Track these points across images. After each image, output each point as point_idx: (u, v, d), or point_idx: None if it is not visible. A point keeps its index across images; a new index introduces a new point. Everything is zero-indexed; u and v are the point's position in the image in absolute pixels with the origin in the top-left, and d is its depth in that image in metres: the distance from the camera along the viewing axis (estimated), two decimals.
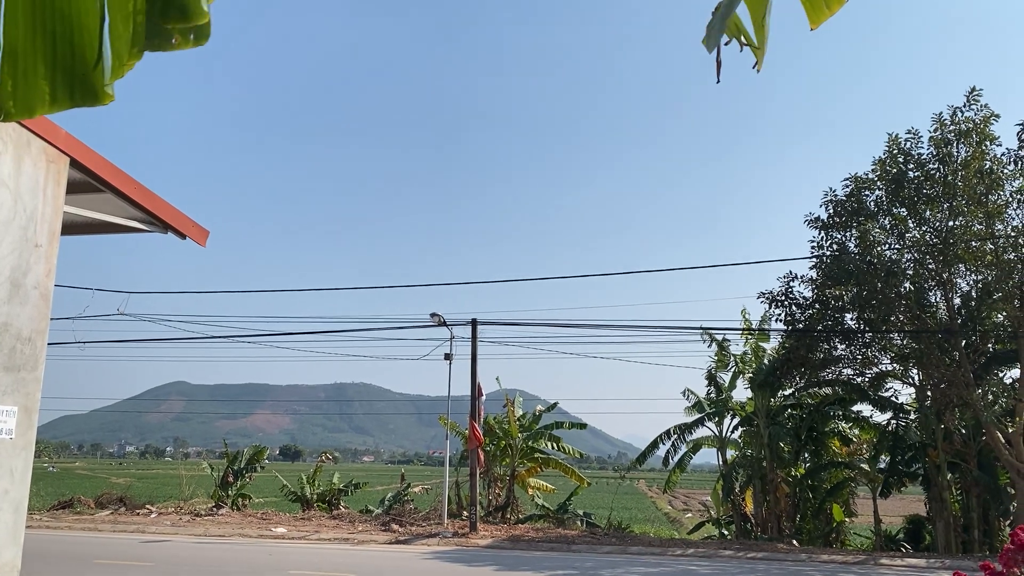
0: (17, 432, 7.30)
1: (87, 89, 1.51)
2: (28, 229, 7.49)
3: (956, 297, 22.92)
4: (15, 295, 7.33)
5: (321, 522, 24.79)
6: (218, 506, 27.83)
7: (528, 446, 28.62)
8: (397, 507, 27.60)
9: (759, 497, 28.23)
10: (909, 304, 22.24)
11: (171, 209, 9.47)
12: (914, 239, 22.07)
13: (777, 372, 26.19)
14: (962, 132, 21.12)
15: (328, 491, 29.74)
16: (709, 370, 30.05)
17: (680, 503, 69.50)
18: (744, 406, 29.36)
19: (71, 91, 1.52)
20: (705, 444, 30.83)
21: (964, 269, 22.31)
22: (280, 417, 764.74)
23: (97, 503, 28.59)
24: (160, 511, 26.84)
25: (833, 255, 22.85)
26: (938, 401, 24.15)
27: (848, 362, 24.63)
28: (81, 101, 1.52)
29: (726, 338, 29.70)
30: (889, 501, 27.95)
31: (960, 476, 24.80)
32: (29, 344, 7.46)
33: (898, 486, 26.54)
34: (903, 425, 26.31)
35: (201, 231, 9.96)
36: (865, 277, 21.34)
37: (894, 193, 22.01)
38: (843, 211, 22.83)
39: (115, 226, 9.74)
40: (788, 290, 23.84)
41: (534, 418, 29.70)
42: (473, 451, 24.10)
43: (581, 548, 20.38)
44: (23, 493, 7.39)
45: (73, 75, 1.51)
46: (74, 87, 1.52)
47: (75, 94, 1.52)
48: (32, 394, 7.50)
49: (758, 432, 27.92)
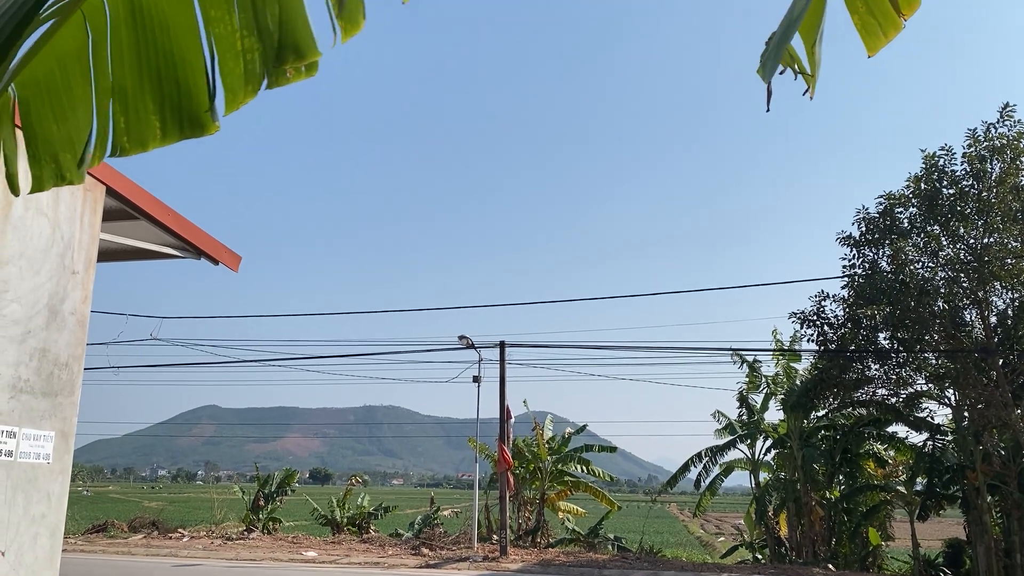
0: (54, 457, 7.39)
1: (195, 122, 1.59)
2: (65, 256, 7.62)
3: (992, 316, 22.52)
4: (53, 321, 7.45)
5: (351, 546, 24.77)
6: (249, 530, 27.92)
7: (558, 469, 28.44)
8: (427, 531, 27.50)
9: (793, 520, 27.79)
10: (943, 323, 21.88)
11: (204, 235, 9.60)
12: (948, 257, 21.75)
13: (810, 393, 25.83)
14: (996, 148, 20.86)
15: (358, 515, 29.72)
16: (741, 391, 29.74)
17: (712, 526, 68.58)
18: (776, 428, 28.98)
19: (180, 125, 1.60)
20: (737, 467, 30.47)
21: (1000, 287, 21.93)
22: (310, 440, 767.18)
23: (130, 527, 28.82)
24: (192, 535, 26.99)
25: (865, 274, 22.58)
26: (976, 422, 23.66)
27: (882, 382, 24.23)
28: (190, 133, 1.60)
29: (757, 359, 29.41)
30: (927, 524, 27.37)
31: (1000, 498, 24.23)
32: (66, 369, 7.57)
33: (936, 509, 25.97)
34: (940, 446, 25.80)
35: (233, 256, 10.08)
36: (898, 296, 21.05)
37: (928, 210, 21.74)
38: (875, 229, 22.57)
39: (149, 252, 9.89)
40: (820, 309, 23.56)
41: (563, 441, 29.52)
42: (502, 474, 23.99)
43: (612, 572, 20.16)
44: (60, 517, 7.47)
45: (181, 110, 1.59)
46: (183, 121, 1.59)
47: (184, 127, 1.60)
48: (69, 419, 7.60)
49: (791, 454, 27.53)
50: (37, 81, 1.60)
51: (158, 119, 1.59)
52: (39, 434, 7.24)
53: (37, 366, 7.27)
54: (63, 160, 1.65)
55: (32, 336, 7.24)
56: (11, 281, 7.07)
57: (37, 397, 7.26)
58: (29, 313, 7.22)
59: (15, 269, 7.11)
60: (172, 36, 1.57)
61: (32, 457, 7.17)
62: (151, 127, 1.60)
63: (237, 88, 1.55)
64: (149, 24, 1.57)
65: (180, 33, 1.57)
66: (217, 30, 1.54)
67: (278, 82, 1.55)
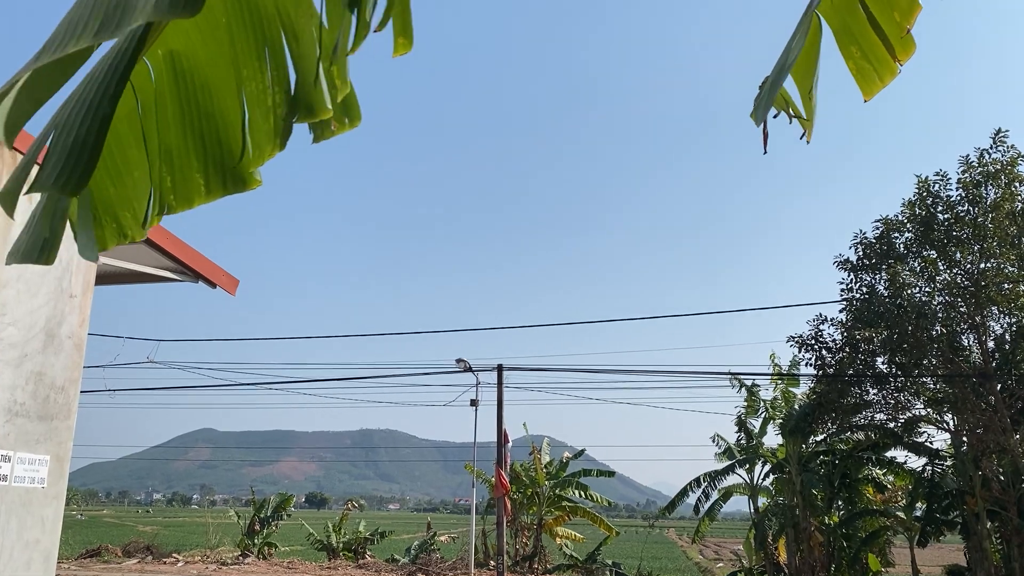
0: (49, 481, 7.35)
1: (237, 178, 1.65)
2: (63, 280, 7.63)
3: (989, 340, 22.54)
4: (50, 345, 7.44)
5: (347, 571, 24.57)
6: (244, 555, 27.70)
7: (555, 494, 28.29)
8: (423, 556, 27.31)
9: (792, 546, 27.61)
10: (941, 348, 21.89)
11: (202, 259, 9.61)
12: (945, 282, 21.81)
13: (808, 417, 25.77)
14: (990, 174, 20.99)
15: (354, 539, 29.52)
16: (739, 416, 29.65)
17: (711, 552, 68.01)
18: (775, 452, 28.88)
19: (223, 181, 1.65)
20: (736, 492, 30.32)
21: (997, 312, 21.97)
22: (306, 464, 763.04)
23: (124, 552, 28.59)
24: (187, 560, 26.76)
25: (863, 298, 22.62)
26: (974, 447, 23.60)
27: (880, 407, 24.19)
28: (233, 189, 1.66)
29: (756, 383, 29.37)
30: (927, 551, 27.22)
31: (1000, 524, 24.10)
32: (62, 393, 7.55)
33: (936, 535, 25.81)
34: (939, 472, 25.71)
35: (231, 280, 10.09)
36: (896, 320, 21.08)
37: (923, 235, 21.83)
38: (873, 253, 22.66)
39: (147, 276, 9.89)
40: (818, 333, 23.57)
41: (561, 465, 29.40)
42: (500, 499, 23.86)
43: None
44: (54, 542, 7.42)
45: (224, 167, 1.64)
46: (226, 178, 1.65)
47: (227, 183, 1.65)
48: (64, 443, 7.57)
49: (790, 479, 27.41)
50: None
51: (202, 177, 1.65)
52: (34, 458, 7.20)
53: (33, 390, 7.25)
54: (123, 219, 1.71)
55: (29, 359, 7.22)
56: (8, 304, 7.07)
57: (33, 421, 7.23)
58: (26, 336, 7.21)
59: (13, 292, 7.12)
60: (213, 96, 1.63)
61: (27, 481, 7.13)
62: (196, 185, 1.66)
63: (264, 143, 1.61)
64: (192, 87, 1.63)
65: (221, 93, 1.62)
66: (249, 88, 1.61)
67: (324, 135, 1.63)
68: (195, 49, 1.61)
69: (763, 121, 1.83)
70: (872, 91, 1.90)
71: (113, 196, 1.68)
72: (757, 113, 1.82)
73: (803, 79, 1.89)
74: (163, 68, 1.62)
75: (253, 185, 1.64)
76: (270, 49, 1.58)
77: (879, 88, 1.89)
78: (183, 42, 1.60)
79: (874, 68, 1.88)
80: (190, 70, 1.62)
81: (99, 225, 1.69)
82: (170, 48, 1.60)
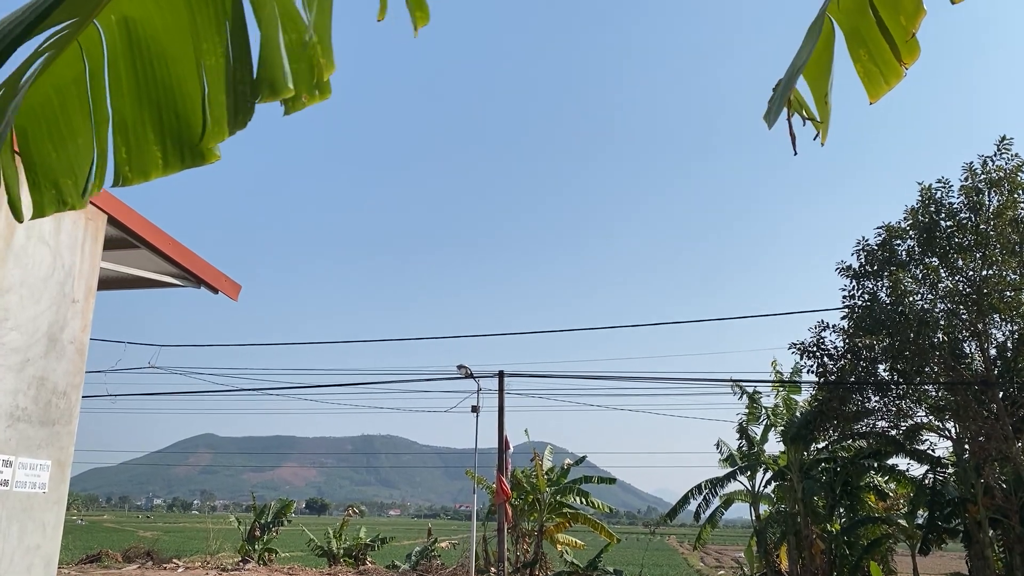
0: (50, 486, 7.34)
1: (195, 152, 1.60)
2: (66, 285, 7.63)
3: (991, 348, 22.51)
4: (52, 350, 7.44)
5: None
6: (245, 560, 27.67)
7: (557, 500, 28.24)
8: (424, 563, 27.27)
9: (794, 554, 27.55)
10: (943, 355, 21.86)
11: (204, 264, 9.62)
12: (947, 289, 21.79)
13: (810, 425, 25.74)
14: (993, 181, 20.98)
15: (355, 546, 29.47)
16: (740, 423, 29.62)
17: (712, 559, 67.83)
18: (777, 460, 28.83)
19: (181, 155, 1.61)
20: (737, 499, 30.26)
21: (999, 319, 21.94)
22: (307, 470, 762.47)
23: (125, 557, 28.55)
24: (187, 565, 26.72)
25: (865, 305, 22.60)
26: (976, 454, 23.55)
27: (882, 414, 24.16)
28: (191, 163, 1.62)
29: (757, 390, 29.33)
30: (929, 559, 27.13)
31: (1002, 532, 24.04)
32: (64, 398, 7.55)
33: (938, 543, 25.75)
34: (941, 479, 25.66)
35: (233, 285, 10.09)
36: (897, 327, 21.06)
37: (926, 243, 21.82)
38: (874, 260, 22.65)
39: (149, 281, 9.90)
40: (820, 340, 23.55)
41: (562, 472, 29.35)
42: (501, 505, 23.82)
43: None
44: (54, 547, 7.41)
45: (182, 140, 1.61)
46: (183, 151, 1.61)
47: (185, 157, 1.61)
48: (65, 448, 7.56)
49: (791, 486, 27.36)
50: (33, 109, 1.62)
51: (159, 149, 1.61)
52: (35, 463, 7.20)
53: (35, 395, 7.25)
54: (64, 186, 1.66)
55: (31, 364, 7.22)
56: (11, 309, 7.08)
57: (34, 426, 7.23)
58: (28, 341, 7.22)
59: (16, 297, 7.12)
60: (171, 67, 1.59)
61: (28, 487, 7.13)
62: (153, 157, 1.61)
63: (223, 119, 1.57)
64: (147, 55, 1.59)
65: (179, 64, 1.58)
66: (208, 61, 1.56)
67: (294, 107, 1.57)
68: (151, 17, 1.57)
69: (774, 123, 1.84)
70: (878, 93, 1.92)
71: (55, 162, 1.64)
72: (769, 116, 1.83)
73: (817, 82, 1.90)
74: (116, 34, 1.58)
75: (212, 159, 1.60)
76: (231, 23, 1.54)
77: (885, 91, 1.91)
78: (138, 9, 1.56)
79: (880, 71, 1.90)
80: (146, 38, 1.58)
81: (38, 190, 1.65)
82: (124, 14, 1.56)
